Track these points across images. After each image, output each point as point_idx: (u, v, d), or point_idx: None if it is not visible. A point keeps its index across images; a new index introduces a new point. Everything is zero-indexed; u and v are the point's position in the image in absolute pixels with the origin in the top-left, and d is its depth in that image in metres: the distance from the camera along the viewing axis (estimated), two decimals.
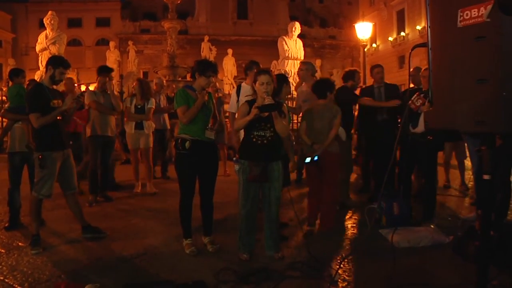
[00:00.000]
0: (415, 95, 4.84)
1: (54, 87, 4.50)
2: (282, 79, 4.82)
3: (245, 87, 5.19)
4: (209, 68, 4.04)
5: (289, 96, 6.22)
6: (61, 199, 4.80)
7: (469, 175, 7.21)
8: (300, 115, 5.32)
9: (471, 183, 6.91)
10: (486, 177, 1.89)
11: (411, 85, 6.02)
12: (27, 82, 5.63)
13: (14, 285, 3.34)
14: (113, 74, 21.07)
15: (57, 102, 4.28)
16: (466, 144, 5.85)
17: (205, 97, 4.03)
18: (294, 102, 6.57)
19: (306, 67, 5.69)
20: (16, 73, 5.36)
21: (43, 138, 4.23)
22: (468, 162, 7.13)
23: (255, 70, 4.33)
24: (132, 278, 3.48)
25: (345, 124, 5.68)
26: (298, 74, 6.26)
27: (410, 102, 4.84)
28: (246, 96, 4.74)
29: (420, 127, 4.84)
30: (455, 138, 6.48)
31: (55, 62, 4.32)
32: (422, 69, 5.37)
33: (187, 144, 3.92)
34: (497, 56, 1.72)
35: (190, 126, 3.97)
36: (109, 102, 6.31)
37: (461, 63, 1.87)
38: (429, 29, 1.99)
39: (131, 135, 6.87)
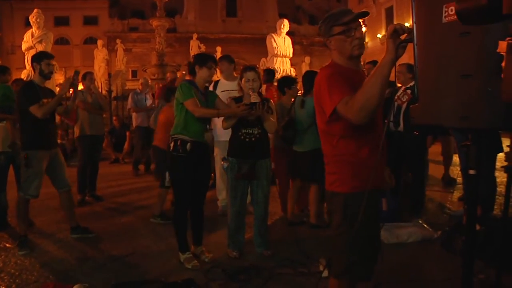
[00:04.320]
0: (401, 91, 4.87)
1: (48, 86, 4.53)
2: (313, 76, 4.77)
3: (223, 82, 5.20)
4: (209, 59, 3.81)
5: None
6: (49, 200, 4.76)
7: (457, 170, 7.27)
8: None
9: (459, 178, 6.98)
10: (471, 172, 1.89)
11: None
12: (12, 81, 5.54)
13: (1, 286, 3.30)
14: (102, 73, 20.87)
15: (47, 101, 4.22)
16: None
17: (240, 110, 3.65)
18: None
19: None
20: (3, 71, 5.27)
21: (29, 136, 4.19)
22: (455, 158, 7.21)
23: (234, 65, 4.27)
24: (121, 277, 3.46)
25: None
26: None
27: (396, 97, 4.87)
28: (222, 91, 4.70)
29: (401, 126, 4.88)
30: (442, 133, 6.55)
31: (38, 57, 4.32)
32: (397, 65, 5.36)
33: (188, 146, 3.64)
34: (482, 51, 1.73)
35: (190, 126, 3.67)
36: (96, 101, 6.26)
37: (446, 58, 1.87)
38: (414, 25, 1.99)
39: None
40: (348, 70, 2.15)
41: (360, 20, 2.15)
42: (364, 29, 2.38)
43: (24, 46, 14.09)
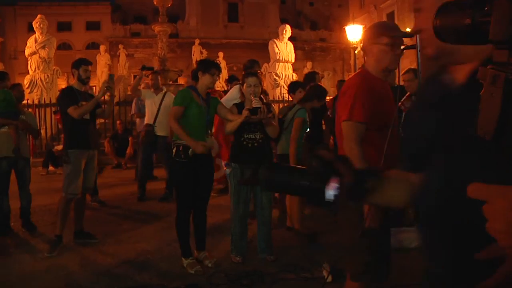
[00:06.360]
0: (405, 97, 4.86)
1: (86, 91, 4.74)
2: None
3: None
4: (212, 66, 3.83)
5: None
6: (52, 205, 4.76)
7: None
8: None
9: None
10: None
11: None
12: (10, 87, 5.48)
13: None
14: (104, 78, 20.95)
15: (85, 104, 4.42)
16: None
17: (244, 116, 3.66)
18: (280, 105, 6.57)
19: None
20: (2, 77, 5.25)
21: (68, 136, 4.48)
22: None
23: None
24: (124, 282, 3.47)
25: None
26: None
27: (400, 104, 4.86)
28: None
29: None
30: None
31: (77, 64, 4.57)
32: (402, 75, 5.32)
33: (190, 151, 3.63)
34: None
35: (192, 132, 3.68)
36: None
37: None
38: None
39: None
40: (376, 80, 2.27)
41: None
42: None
43: (27, 51, 14.15)
